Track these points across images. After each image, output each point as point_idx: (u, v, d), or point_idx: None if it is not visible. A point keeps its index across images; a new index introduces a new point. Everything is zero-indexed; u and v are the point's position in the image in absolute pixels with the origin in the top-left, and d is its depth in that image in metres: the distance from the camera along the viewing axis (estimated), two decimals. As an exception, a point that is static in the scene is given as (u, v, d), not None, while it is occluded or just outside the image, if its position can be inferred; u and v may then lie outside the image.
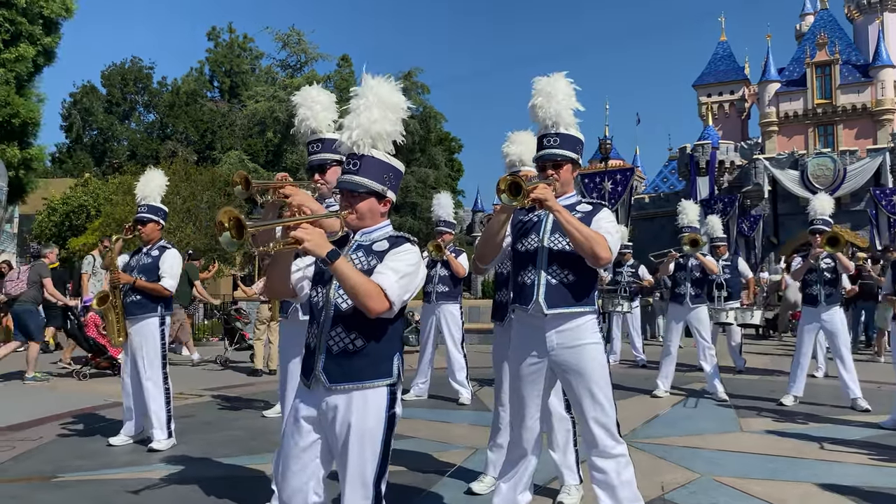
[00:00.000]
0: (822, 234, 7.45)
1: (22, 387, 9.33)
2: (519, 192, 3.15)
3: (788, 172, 32.92)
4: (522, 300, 3.45)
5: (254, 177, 16.67)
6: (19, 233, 34.04)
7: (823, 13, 40.19)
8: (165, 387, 5.89)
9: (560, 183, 3.46)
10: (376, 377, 2.58)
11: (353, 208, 2.65)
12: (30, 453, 5.64)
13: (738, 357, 10.65)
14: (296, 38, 32.68)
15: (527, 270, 3.46)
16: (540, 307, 3.36)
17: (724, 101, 44.69)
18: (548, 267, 3.40)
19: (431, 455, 5.50)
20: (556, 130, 3.49)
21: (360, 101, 2.68)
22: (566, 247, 3.37)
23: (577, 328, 3.37)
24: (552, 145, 3.48)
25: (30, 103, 17.67)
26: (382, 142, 2.66)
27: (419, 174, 33.07)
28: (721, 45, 45.62)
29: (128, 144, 46.21)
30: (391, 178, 2.69)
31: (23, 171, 17.63)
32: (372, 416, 2.57)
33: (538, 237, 3.45)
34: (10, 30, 17.02)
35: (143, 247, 6.00)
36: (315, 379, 2.61)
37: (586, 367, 3.34)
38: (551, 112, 3.49)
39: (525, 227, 3.54)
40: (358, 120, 2.65)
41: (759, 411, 7.31)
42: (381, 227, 2.71)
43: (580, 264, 3.36)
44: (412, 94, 34.02)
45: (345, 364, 2.57)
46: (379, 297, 2.47)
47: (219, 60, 45.28)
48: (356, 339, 2.58)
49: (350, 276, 2.44)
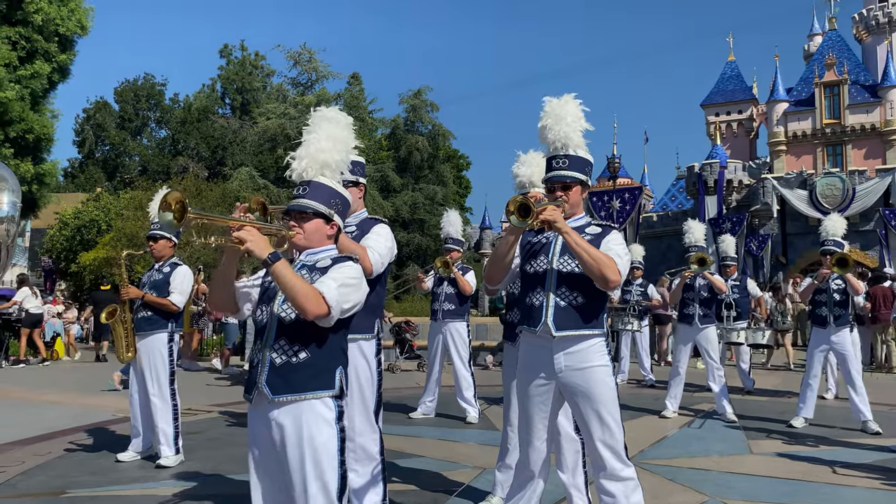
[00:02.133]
0: (831, 255, 7.43)
1: (30, 402, 9.37)
2: (528, 213, 3.15)
3: (797, 192, 32.83)
4: (531, 322, 3.45)
5: (262, 194, 16.82)
6: (31, 246, 34.29)
7: (832, 34, 40.24)
8: (173, 403, 5.91)
9: (569, 204, 3.45)
10: (319, 388, 2.65)
11: (301, 227, 2.77)
12: (39, 468, 5.67)
13: (746, 377, 10.60)
14: (307, 57, 32.88)
15: (535, 292, 3.45)
16: (548, 329, 3.36)
17: (733, 121, 44.73)
18: (556, 289, 3.39)
19: (440, 474, 5.49)
20: (566, 152, 3.50)
21: (310, 134, 2.89)
22: (575, 269, 3.37)
23: (585, 350, 3.37)
24: (561, 167, 3.48)
25: (44, 119, 17.86)
26: (330, 170, 2.85)
27: (427, 191, 33.12)
28: (729, 64, 45.72)
29: (139, 160, 46.57)
30: (338, 204, 2.84)
31: (36, 185, 17.78)
32: (324, 429, 2.63)
33: (547, 259, 3.45)
34: (26, 47, 17.25)
35: (155, 263, 6.06)
36: (258, 392, 2.67)
37: (594, 389, 3.33)
38: (560, 134, 3.50)
39: (534, 249, 3.53)
40: (307, 150, 2.85)
41: (768, 433, 7.26)
42: (327, 250, 2.83)
43: (589, 286, 3.36)
44: (421, 111, 34.19)
45: (288, 376, 2.63)
46: (317, 299, 2.53)
47: (231, 78, 45.68)
48: (299, 351, 2.65)
49: (289, 278, 2.51)
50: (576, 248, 3.24)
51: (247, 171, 30.60)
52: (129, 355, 5.89)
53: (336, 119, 2.93)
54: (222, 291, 2.83)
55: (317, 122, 2.90)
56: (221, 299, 2.86)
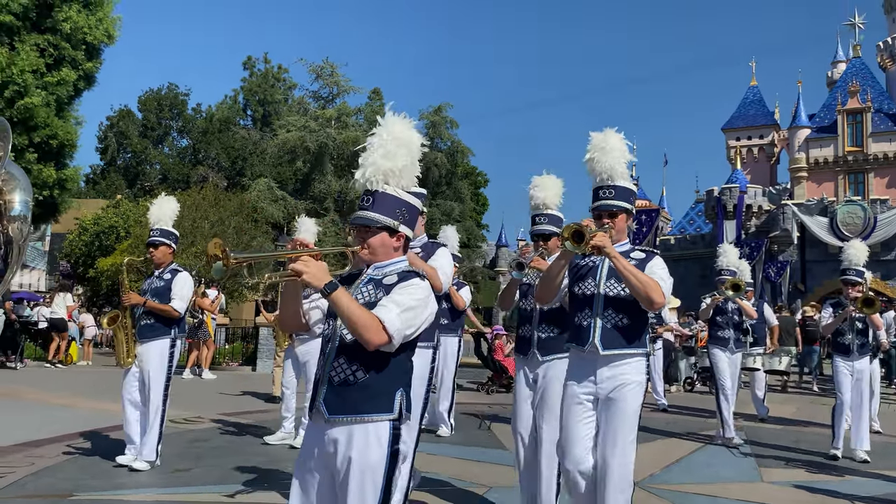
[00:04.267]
0: (853, 287, 7.22)
1: (42, 404, 9.43)
2: (582, 239, 3.41)
3: (817, 219, 32.58)
4: (579, 341, 3.70)
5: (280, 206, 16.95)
6: (50, 250, 34.68)
7: (856, 61, 40.05)
8: (163, 409, 5.88)
9: (615, 231, 3.67)
10: (375, 411, 2.56)
11: (366, 242, 2.67)
12: (48, 470, 5.70)
13: (760, 405, 10.44)
14: (329, 71, 33.18)
15: (583, 313, 3.71)
16: (596, 348, 3.61)
17: (753, 146, 44.49)
18: (603, 311, 3.65)
19: (446, 490, 5.44)
20: (612, 182, 3.74)
21: (375, 138, 2.72)
22: (621, 292, 3.63)
23: (627, 366, 3.63)
24: (608, 196, 3.74)
25: (68, 125, 18.11)
26: (395, 178, 2.69)
27: (444, 207, 33.18)
28: (751, 89, 45.58)
29: (160, 168, 47.10)
30: (405, 214, 2.71)
31: (57, 190, 17.99)
32: (374, 452, 2.54)
33: (595, 282, 3.71)
34: (53, 54, 17.54)
35: (155, 269, 6.06)
36: (316, 410, 2.61)
37: (622, 405, 3.57)
38: (606, 166, 3.75)
39: (581, 272, 3.78)
40: (372, 157, 2.69)
41: (782, 461, 7.13)
42: (395, 262, 2.71)
43: (634, 308, 3.62)
44: (441, 128, 34.32)
45: (344, 396, 2.56)
46: (377, 329, 2.45)
47: (253, 89, 46.21)
48: (357, 371, 2.56)
49: (347, 308, 2.44)
50: (623, 272, 3.50)
51: (265, 182, 30.84)
52: (129, 361, 5.88)
53: (400, 121, 2.77)
54: (292, 317, 2.78)
55: (381, 128, 2.74)
56: (292, 323, 2.81)
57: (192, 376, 13.79)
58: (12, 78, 16.05)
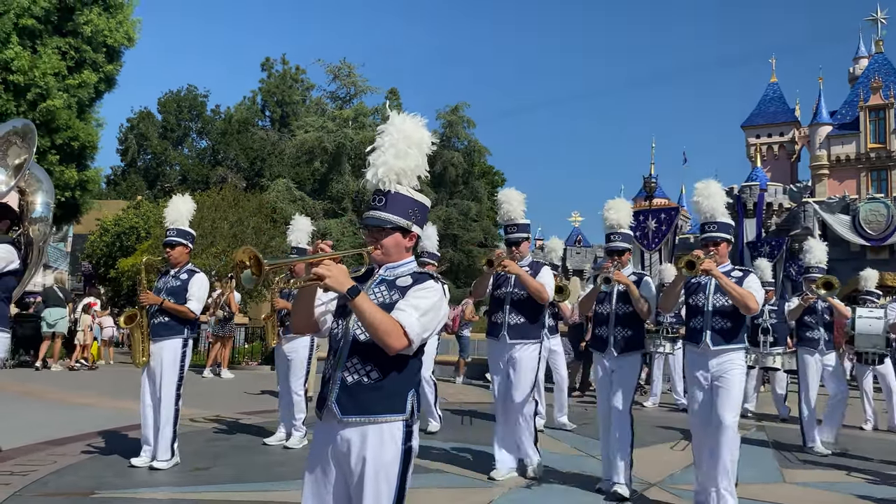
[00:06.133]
0: None
1: (65, 404, 9.54)
2: (693, 266, 4.71)
3: (839, 217, 32.15)
4: (694, 340, 5.04)
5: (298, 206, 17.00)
6: (72, 251, 35.10)
7: (878, 57, 39.52)
8: (176, 407, 5.89)
9: (719, 256, 4.95)
10: (388, 412, 2.55)
11: (379, 243, 2.67)
12: (70, 468, 5.76)
13: (781, 404, 10.34)
14: (346, 71, 33.33)
15: (696, 319, 5.05)
16: (707, 346, 4.92)
17: (774, 143, 44.08)
18: (712, 318, 4.94)
19: (463, 490, 5.43)
20: (714, 219, 5.02)
21: (384, 138, 2.69)
22: (725, 304, 4.90)
23: (730, 357, 4.89)
24: (712, 230, 5.01)
25: (89, 127, 18.29)
26: (407, 178, 2.68)
27: (461, 206, 33.14)
28: (771, 86, 45.16)
29: (180, 169, 47.50)
30: (416, 213, 2.70)
31: (79, 192, 18.17)
32: (388, 450, 2.53)
33: (704, 296, 5.04)
34: (75, 57, 17.72)
35: (171, 269, 6.08)
36: (328, 410, 2.60)
37: (728, 385, 4.82)
38: (709, 207, 5.06)
39: (693, 288, 5.14)
40: (383, 157, 2.67)
41: (804, 462, 7.06)
42: (406, 263, 2.72)
43: (734, 315, 4.89)
44: (458, 127, 34.33)
45: (358, 396, 2.55)
46: (398, 334, 2.46)
47: (271, 90, 46.44)
48: (371, 372, 2.56)
49: (370, 313, 2.44)
50: (727, 288, 4.80)
51: (284, 182, 31.03)
52: (144, 360, 5.87)
53: (411, 121, 2.73)
54: (305, 318, 2.76)
55: (390, 127, 2.71)
56: (304, 324, 2.79)
57: (212, 376, 13.89)
58: (34, 81, 16.25)
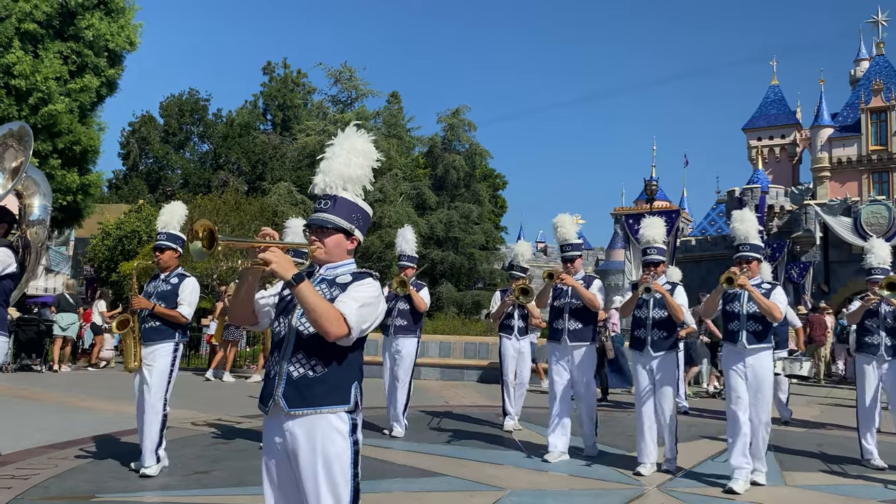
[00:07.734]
0: None
1: (66, 407, 9.54)
2: (732, 282, 5.74)
3: (841, 219, 32.11)
4: (732, 341, 6.05)
5: (300, 209, 17.09)
6: (74, 255, 35.14)
7: (879, 59, 39.49)
8: (164, 413, 5.83)
9: (751, 272, 5.97)
10: (334, 403, 2.67)
11: (321, 242, 2.81)
12: (71, 472, 5.76)
13: (783, 408, 10.33)
14: (347, 75, 33.30)
15: (733, 323, 6.06)
16: (743, 346, 5.95)
17: (775, 145, 44.05)
18: (746, 322, 5.98)
19: (464, 494, 5.43)
20: (748, 241, 6.04)
21: (334, 148, 2.91)
22: (757, 311, 5.92)
23: (762, 354, 5.96)
24: (745, 250, 6.05)
25: (91, 131, 18.35)
26: (353, 184, 2.88)
27: (463, 209, 33.10)
28: (772, 88, 45.15)
29: (181, 173, 47.52)
30: (359, 219, 2.88)
31: (81, 196, 18.24)
32: (338, 441, 2.65)
33: (739, 304, 6.04)
34: (76, 61, 17.79)
35: (161, 273, 6.06)
36: (274, 404, 2.70)
37: (761, 379, 5.94)
38: (743, 231, 6.07)
39: (729, 297, 6.12)
40: (332, 164, 2.88)
41: (805, 466, 7.05)
42: (346, 264, 2.86)
43: (764, 319, 5.92)
44: (459, 130, 34.33)
45: (304, 390, 2.66)
46: (338, 321, 2.57)
47: (273, 94, 46.48)
48: (316, 366, 2.68)
49: (312, 300, 2.55)
50: (756, 300, 5.88)
51: (285, 186, 31.01)
52: (136, 365, 5.82)
53: (359, 134, 2.96)
54: (243, 307, 2.86)
55: (340, 138, 2.93)
56: (242, 314, 2.90)
57: (214, 379, 13.88)
58: (36, 85, 16.31)
